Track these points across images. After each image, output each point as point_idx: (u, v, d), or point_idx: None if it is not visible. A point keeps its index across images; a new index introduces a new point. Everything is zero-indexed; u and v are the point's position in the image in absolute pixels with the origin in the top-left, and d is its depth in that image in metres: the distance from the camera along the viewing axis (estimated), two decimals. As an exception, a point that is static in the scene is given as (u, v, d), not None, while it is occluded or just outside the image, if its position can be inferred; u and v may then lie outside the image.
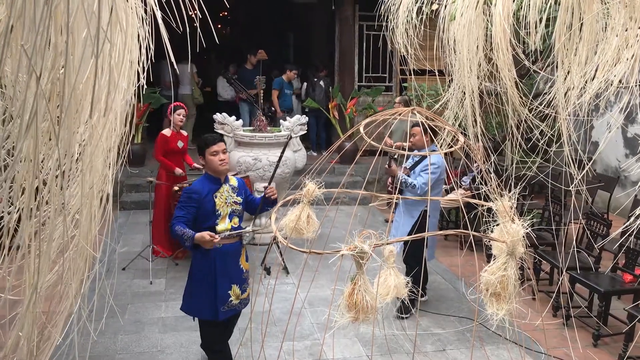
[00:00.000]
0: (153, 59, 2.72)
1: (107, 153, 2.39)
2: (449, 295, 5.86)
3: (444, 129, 4.01)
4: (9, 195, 2.08)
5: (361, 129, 2.54)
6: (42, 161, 2.00)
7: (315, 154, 10.66)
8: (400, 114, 2.58)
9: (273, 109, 9.67)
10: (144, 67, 2.51)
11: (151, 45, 2.57)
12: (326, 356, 4.59)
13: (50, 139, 2.04)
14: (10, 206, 2.08)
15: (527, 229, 2.35)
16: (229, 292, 3.89)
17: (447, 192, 7.03)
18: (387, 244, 2.28)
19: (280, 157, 4.13)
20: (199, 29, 2.49)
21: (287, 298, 5.49)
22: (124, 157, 3.03)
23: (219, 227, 3.79)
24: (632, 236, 5.12)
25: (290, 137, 5.05)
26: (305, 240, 3.02)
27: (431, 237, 5.48)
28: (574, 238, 5.67)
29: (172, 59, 2.41)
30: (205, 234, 3.59)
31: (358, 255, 2.23)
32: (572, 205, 4.12)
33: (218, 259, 3.81)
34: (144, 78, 2.64)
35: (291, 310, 5.10)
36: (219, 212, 3.80)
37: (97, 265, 3.10)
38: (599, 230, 5.45)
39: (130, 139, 3.01)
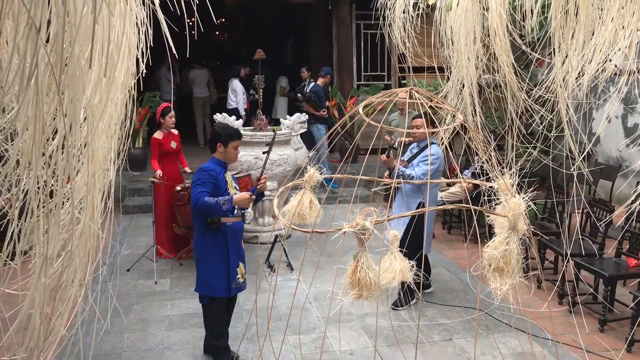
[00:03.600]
0: (151, 62, 2.77)
1: (109, 137, 2.41)
2: (454, 287, 5.85)
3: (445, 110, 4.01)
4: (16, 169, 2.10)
5: (360, 110, 2.55)
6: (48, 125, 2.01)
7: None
8: (398, 95, 2.59)
9: None
10: (143, 53, 2.53)
11: (150, 34, 2.59)
12: (332, 348, 4.59)
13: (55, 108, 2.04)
14: (17, 177, 2.09)
15: (528, 202, 2.36)
16: (237, 269, 4.23)
17: (448, 186, 7.03)
18: (387, 220, 2.29)
19: (270, 147, 4.47)
20: (194, 35, 2.53)
21: (292, 294, 5.48)
22: (124, 158, 3.07)
23: None
24: (635, 221, 5.13)
25: (275, 134, 5.13)
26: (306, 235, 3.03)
27: (428, 231, 5.47)
28: (578, 225, 5.67)
29: (167, 64, 2.44)
30: (246, 193, 4.09)
31: (359, 232, 2.23)
32: (573, 192, 4.12)
33: (229, 236, 4.16)
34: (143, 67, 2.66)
35: (297, 302, 5.10)
36: (229, 191, 4.14)
37: (101, 267, 3.12)
38: (602, 217, 5.45)
39: (130, 140, 3.05)
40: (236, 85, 10.66)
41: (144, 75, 2.85)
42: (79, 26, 1.79)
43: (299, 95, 9.33)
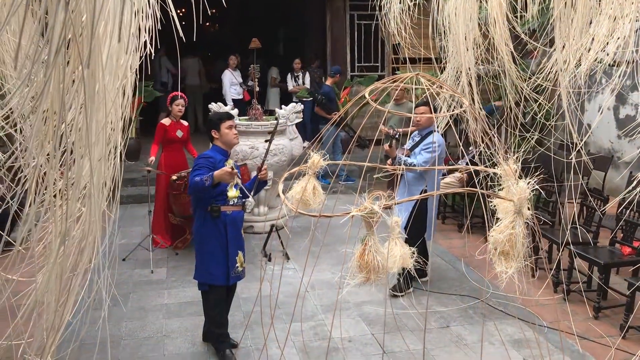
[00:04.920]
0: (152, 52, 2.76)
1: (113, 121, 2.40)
2: (450, 275, 5.90)
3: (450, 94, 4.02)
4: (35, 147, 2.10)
5: (366, 95, 2.55)
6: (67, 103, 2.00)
7: (307, 143, 10.66)
8: (403, 80, 2.60)
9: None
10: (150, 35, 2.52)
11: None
12: (332, 335, 4.61)
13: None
14: (33, 158, 2.09)
15: (534, 186, 2.38)
16: (236, 257, 4.23)
17: (444, 175, 7.06)
18: (396, 203, 2.30)
19: (272, 136, 4.41)
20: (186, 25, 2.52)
21: (290, 282, 5.50)
22: (126, 143, 3.06)
23: (230, 194, 4.13)
24: (629, 210, 5.19)
25: (277, 123, 5.13)
26: (312, 223, 3.03)
27: (430, 218, 5.51)
28: (572, 214, 5.73)
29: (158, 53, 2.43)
30: (225, 168, 3.94)
31: (368, 216, 2.24)
32: (571, 179, 4.16)
33: (229, 225, 4.15)
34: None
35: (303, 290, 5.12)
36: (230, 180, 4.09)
37: (98, 255, 3.11)
38: (596, 206, 5.51)
39: (131, 128, 3.05)
40: (224, 75, 10.81)
41: (142, 63, 2.84)
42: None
43: (317, 95, 9.06)
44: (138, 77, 2.98)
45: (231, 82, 10.68)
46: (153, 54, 2.75)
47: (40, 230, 2.54)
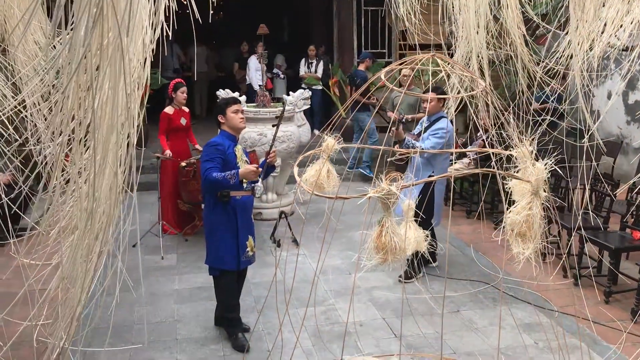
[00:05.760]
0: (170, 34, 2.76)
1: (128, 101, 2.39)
2: (459, 261, 5.91)
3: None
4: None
5: (382, 77, 2.54)
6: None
7: (317, 132, 10.65)
8: (420, 62, 2.58)
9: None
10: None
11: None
12: (342, 319, 4.64)
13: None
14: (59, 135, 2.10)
15: (551, 167, 2.37)
16: (246, 242, 4.26)
17: (451, 162, 7.04)
18: (413, 185, 2.30)
19: (280, 119, 4.36)
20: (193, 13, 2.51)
21: (299, 268, 5.50)
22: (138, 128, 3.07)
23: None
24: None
25: (285, 106, 5.11)
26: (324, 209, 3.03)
27: (437, 204, 5.51)
28: (582, 199, 5.71)
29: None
30: (251, 167, 4.04)
31: (385, 197, 2.24)
32: (582, 165, 4.14)
33: (239, 210, 4.16)
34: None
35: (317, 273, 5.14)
36: (239, 165, 4.12)
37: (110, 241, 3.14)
38: (606, 191, 5.49)
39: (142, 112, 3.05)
40: (250, 61, 10.96)
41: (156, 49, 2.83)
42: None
43: (355, 79, 8.89)
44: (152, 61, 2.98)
45: (256, 68, 10.66)
46: (170, 36, 2.75)
47: (59, 211, 2.55)
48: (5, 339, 2.74)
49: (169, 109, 6.45)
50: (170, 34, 2.54)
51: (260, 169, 4.15)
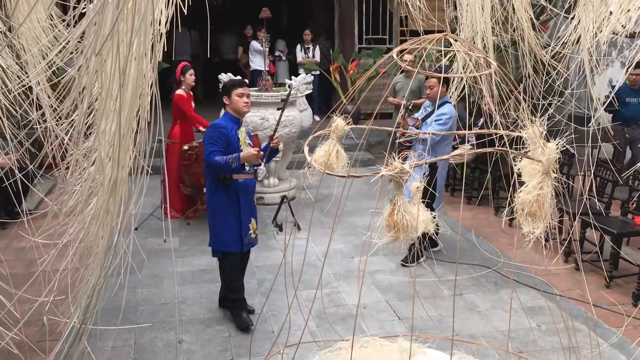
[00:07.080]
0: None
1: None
2: (461, 246, 5.93)
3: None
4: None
5: (394, 55, 2.54)
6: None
7: (317, 118, 10.62)
8: (431, 42, 2.58)
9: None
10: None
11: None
12: (345, 302, 4.67)
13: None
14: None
15: (562, 147, 2.38)
16: (249, 225, 4.26)
17: (454, 148, 7.05)
18: (426, 163, 2.30)
19: (285, 103, 4.35)
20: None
21: (302, 252, 5.53)
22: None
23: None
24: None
25: (290, 91, 5.08)
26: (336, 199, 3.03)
27: (438, 188, 5.51)
28: (586, 185, 5.74)
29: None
30: (252, 150, 4.03)
31: (397, 175, 2.25)
32: (588, 149, 4.14)
33: (241, 193, 4.18)
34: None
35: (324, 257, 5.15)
36: (242, 148, 4.11)
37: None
38: (608, 177, 5.52)
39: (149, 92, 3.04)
40: (253, 44, 10.78)
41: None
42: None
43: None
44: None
45: (257, 51, 10.57)
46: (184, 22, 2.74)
47: (74, 189, 2.56)
48: (18, 318, 2.74)
49: (181, 91, 6.40)
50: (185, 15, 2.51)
51: (262, 153, 4.13)
